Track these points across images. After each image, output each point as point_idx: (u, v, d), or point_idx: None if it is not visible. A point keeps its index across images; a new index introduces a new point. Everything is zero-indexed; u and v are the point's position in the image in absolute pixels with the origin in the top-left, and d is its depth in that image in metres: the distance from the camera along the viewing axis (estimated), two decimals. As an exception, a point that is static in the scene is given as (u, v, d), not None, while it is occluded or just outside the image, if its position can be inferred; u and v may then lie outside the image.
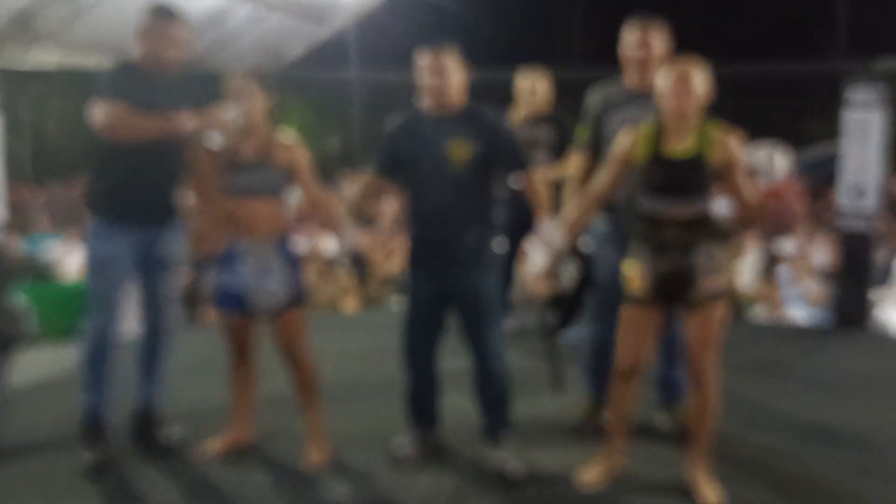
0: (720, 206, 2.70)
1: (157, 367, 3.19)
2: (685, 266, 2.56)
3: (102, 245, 2.95)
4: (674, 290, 2.60)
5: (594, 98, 3.21)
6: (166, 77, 2.96)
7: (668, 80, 2.54)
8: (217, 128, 2.85)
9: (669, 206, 2.58)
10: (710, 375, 2.64)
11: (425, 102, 2.87)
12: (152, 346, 3.17)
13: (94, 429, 3.00)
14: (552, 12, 23.26)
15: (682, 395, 3.19)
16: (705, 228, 2.58)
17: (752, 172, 2.97)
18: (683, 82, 2.51)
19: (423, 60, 2.80)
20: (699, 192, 2.57)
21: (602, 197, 2.79)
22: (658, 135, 2.59)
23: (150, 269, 3.06)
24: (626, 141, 2.68)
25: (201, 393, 3.72)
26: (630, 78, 3.11)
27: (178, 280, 3.24)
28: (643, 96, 2.96)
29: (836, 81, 5.28)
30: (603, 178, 2.76)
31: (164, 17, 2.93)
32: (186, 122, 2.80)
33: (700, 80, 2.54)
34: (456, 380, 3.33)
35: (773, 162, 2.15)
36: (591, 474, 2.78)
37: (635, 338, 2.69)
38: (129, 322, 3.21)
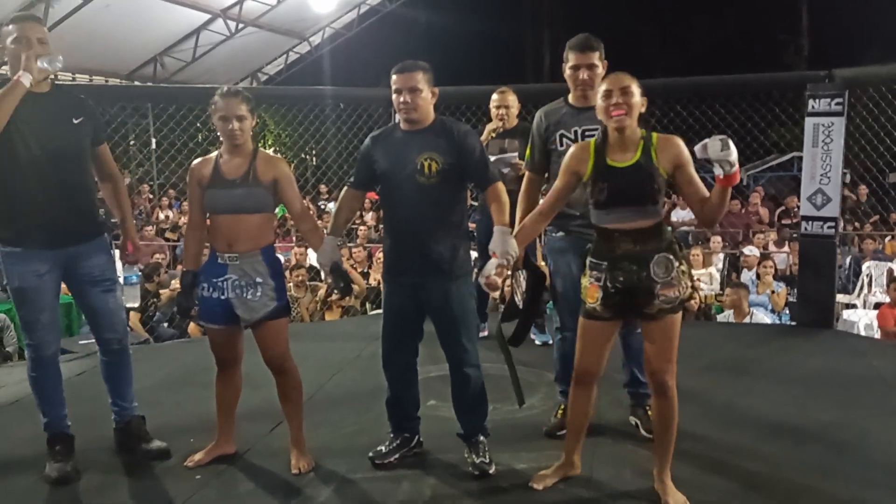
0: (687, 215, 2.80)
1: (122, 384, 3.23)
2: (640, 279, 2.59)
3: (18, 272, 2.93)
4: (630, 303, 2.64)
5: (539, 116, 3.36)
6: (43, 88, 2.93)
7: (605, 95, 2.61)
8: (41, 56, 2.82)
9: (620, 218, 2.61)
10: (670, 384, 2.66)
11: (398, 118, 2.99)
12: (110, 364, 3.20)
13: (55, 444, 3.05)
14: (520, 32, 23.59)
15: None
16: (658, 239, 2.62)
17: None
18: (620, 96, 2.58)
19: (394, 78, 2.91)
20: (648, 201, 2.60)
21: (550, 208, 2.84)
22: (603, 148, 2.66)
23: (81, 287, 3.07)
24: (575, 153, 2.75)
25: (188, 405, 3.78)
26: (576, 97, 3.29)
27: (119, 293, 3.23)
28: (588, 112, 3.09)
29: (801, 90, 5.41)
30: (553, 189, 2.83)
31: (23, 21, 2.92)
32: (23, 75, 2.76)
33: (635, 91, 2.61)
34: (435, 387, 3.42)
35: (728, 149, 2.19)
36: (544, 479, 2.84)
37: (592, 349, 2.75)
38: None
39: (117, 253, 3.41)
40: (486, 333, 4.82)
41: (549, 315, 4.56)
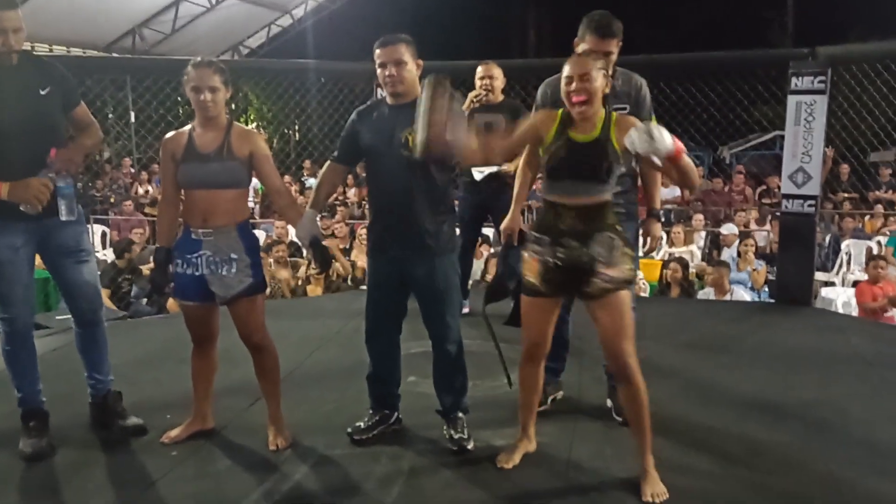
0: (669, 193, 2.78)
1: (98, 356, 3.20)
2: (582, 256, 2.58)
3: None
4: (570, 281, 2.62)
5: (543, 90, 3.31)
6: (11, 64, 2.84)
7: (567, 82, 2.59)
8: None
9: (570, 192, 2.60)
10: (632, 365, 2.61)
11: (384, 93, 2.95)
12: (86, 336, 3.17)
13: (29, 420, 3.03)
14: (506, 8, 23.44)
15: None
16: (602, 218, 2.60)
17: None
18: (583, 79, 2.55)
19: (378, 52, 2.87)
20: (599, 178, 2.58)
21: (506, 152, 2.85)
22: (567, 121, 2.64)
23: (56, 260, 3.03)
24: (542, 117, 2.74)
25: (165, 381, 3.74)
26: None
27: (93, 264, 3.18)
28: None
29: (784, 68, 5.40)
30: (513, 136, 2.81)
31: None
32: (2, 188, 2.74)
33: (597, 76, 2.57)
34: (416, 363, 3.41)
35: (653, 138, 2.15)
36: (510, 457, 2.84)
37: (535, 325, 2.75)
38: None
39: (95, 227, 3.34)
40: (467, 311, 4.81)
41: None
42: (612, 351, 2.64)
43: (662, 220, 3.06)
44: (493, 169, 4.51)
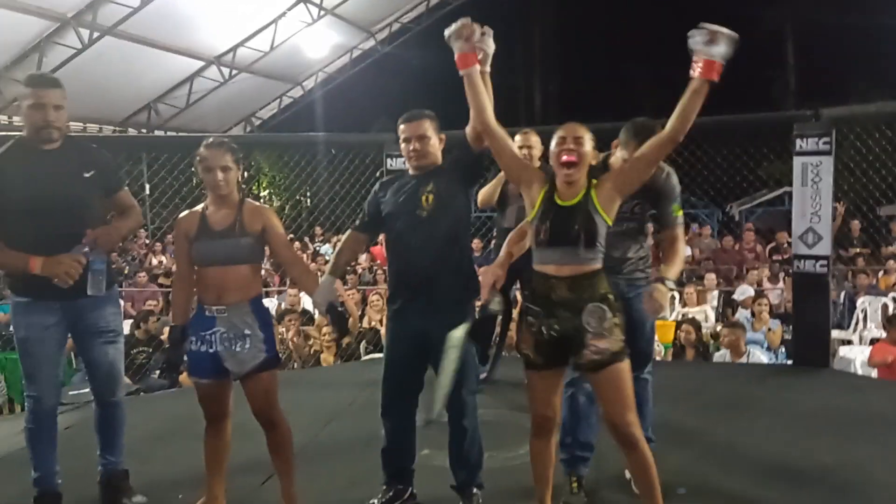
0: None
1: (113, 437, 3.21)
2: (574, 327, 2.56)
3: (25, 322, 2.96)
4: (561, 353, 2.61)
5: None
6: (53, 145, 2.97)
7: (559, 142, 2.62)
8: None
9: (559, 261, 2.59)
10: (635, 434, 2.58)
11: (407, 164, 3.03)
12: (104, 416, 3.20)
13: (44, 499, 3.02)
14: (512, 76, 23.94)
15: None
16: (594, 288, 2.58)
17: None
18: (576, 142, 2.59)
19: (402, 128, 2.96)
20: (585, 243, 2.57)
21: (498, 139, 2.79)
22: (552, 187, 2.66)
23: (85, 339, 3.08)
24: (537, 172, 2.77)
25: (178, 458, 3.71)
26: None
27: (121, 345, 3.23)
28: None
29: (790, 126, 5.46)
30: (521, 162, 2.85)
31: (39, 85, 2.96)
32: (36, 263, 2.83)
33: (588, 143, 2.62)
34: (431, 435, 3.37)
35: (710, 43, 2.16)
36: None
37: (540, 397, 2.72)
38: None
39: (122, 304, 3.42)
40: (484, 376, 4.79)
41: None
42: (613, 422, 2.61)
43: (672, 288, 3.01)
44: None
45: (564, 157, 2.59)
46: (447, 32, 2.72)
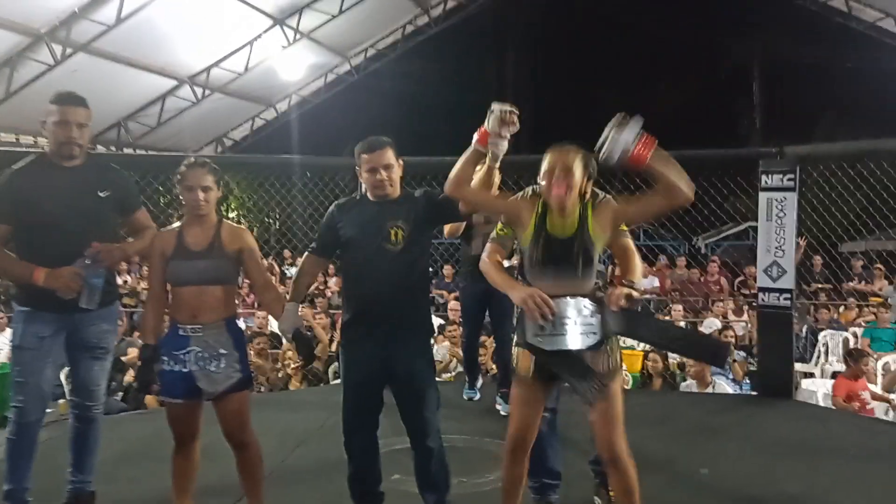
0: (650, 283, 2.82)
1: (86, 454, 3.21)
2: (572, 354, 2.59)
3: (21, 331, 3.01)
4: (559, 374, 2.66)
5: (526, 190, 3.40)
6: (74, 162, 3.05)
7: (549, 172, 2.63)
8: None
9: (552, 287, 2.61)
10: (622, 452, 2.64)
11: (368, 192, 3.02)
12: (79, 432, 3.19)
13: None
14: (485, 102, 24.12)
15: None
16: (591, 314, 2.62)
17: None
18: (565, 172, 2.60)
19: (366, 157, 2.95)
20: (580, 270, 2.62)
21: (486, 201, 2.84)
22: (544, 213, 2.69)
23: (75, 352, 3.10)
24: (527, 203, 2.73)
25: (144, 479, 3.66)
26: None
27: (108, 363, 3.25)
28: None
29: (755, 165, 5.60)
30: (500, 200, 2.84)
31: (66, 103, 3.02)
32: (40, 274, 2.89)
33: (578, 171, 2.62)
34: (399, 459, 3.37)
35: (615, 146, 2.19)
36: None
37: (525, 413, 2.75)
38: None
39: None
40: (478, 397, 4.96)
41: None
42: (603, 439, 2.66)
43: (632, 284, 3.02)
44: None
45: (555, 190, 2.61)
46: (496, 107, 2.63)
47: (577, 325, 2.60)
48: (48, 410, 4.15)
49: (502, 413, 4.82)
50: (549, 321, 2.56)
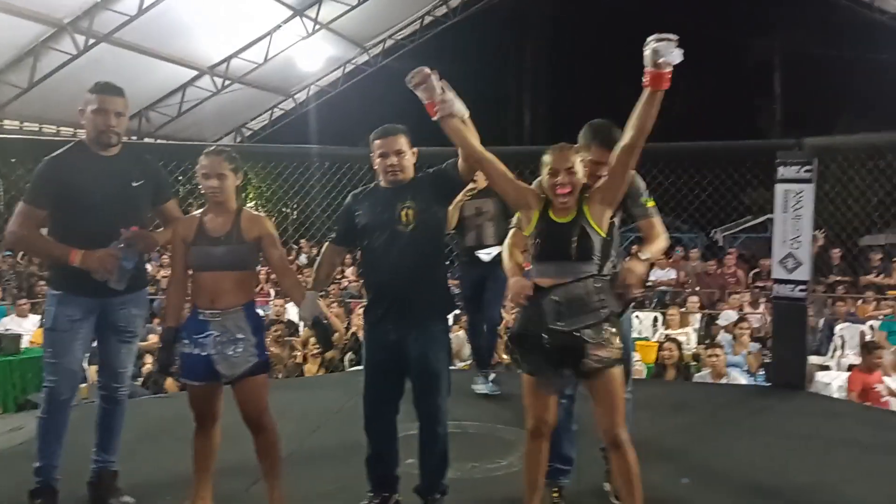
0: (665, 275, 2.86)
1: (111, 435, 3.29)
2: (572, 339, 2.66)
3: (54, 313, 3.10)
4: (563, 361, 2.71)
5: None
6: (111, 151, 3.14)
7: (551, 174, 2.74)
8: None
9: (557, 274, 2.71)
10: (623, 438, 2.72)
11: (380, 178, 3.09)
12: (106, 412, 3.28)
13: (37, 497, 3.07)
14: (504, 92, 24.11)
15: None
16: (592, 299, 2.70)
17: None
18: (569, 172, 2.71)
19: (378, 143, 3.02)
20: (580, 258, 2.70)
21: (496, 171, 2.88)
22: (548, 206, 2.79)
23: (104, 334, 3.19)
24: (537, 191, 2.86)
25: (165, 460, 3.74)
26: None
27: (135, 346, 3.34)
28: None
29: (773, 157, 5.59)
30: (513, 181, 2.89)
31: (105, 92, 3.11)
32: (76, 255, 2.98)
33: (579, 169, 2.74)
34: (415, 444, 3.42)
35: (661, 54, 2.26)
36: None
37: (537, 401, 2.81)
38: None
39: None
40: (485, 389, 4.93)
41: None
42: (604, 423, 2.74)
43: (647, 259, 3.07)
44: (499, 249, 4.64)
45: (559, 190, 2.72)
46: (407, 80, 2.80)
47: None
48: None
49: (477, 392, 4.92)
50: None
